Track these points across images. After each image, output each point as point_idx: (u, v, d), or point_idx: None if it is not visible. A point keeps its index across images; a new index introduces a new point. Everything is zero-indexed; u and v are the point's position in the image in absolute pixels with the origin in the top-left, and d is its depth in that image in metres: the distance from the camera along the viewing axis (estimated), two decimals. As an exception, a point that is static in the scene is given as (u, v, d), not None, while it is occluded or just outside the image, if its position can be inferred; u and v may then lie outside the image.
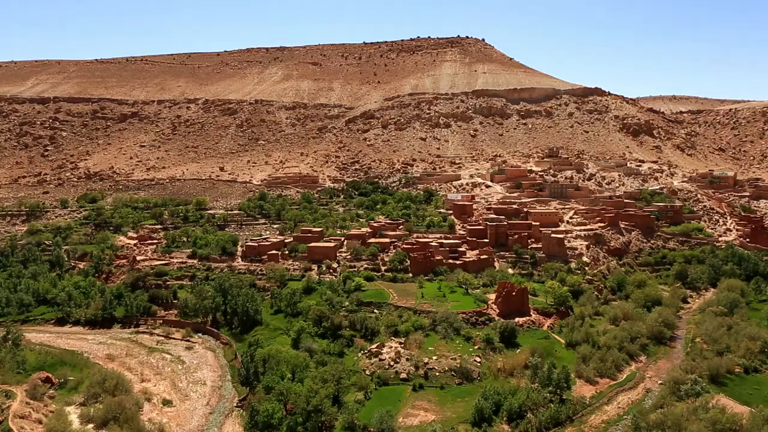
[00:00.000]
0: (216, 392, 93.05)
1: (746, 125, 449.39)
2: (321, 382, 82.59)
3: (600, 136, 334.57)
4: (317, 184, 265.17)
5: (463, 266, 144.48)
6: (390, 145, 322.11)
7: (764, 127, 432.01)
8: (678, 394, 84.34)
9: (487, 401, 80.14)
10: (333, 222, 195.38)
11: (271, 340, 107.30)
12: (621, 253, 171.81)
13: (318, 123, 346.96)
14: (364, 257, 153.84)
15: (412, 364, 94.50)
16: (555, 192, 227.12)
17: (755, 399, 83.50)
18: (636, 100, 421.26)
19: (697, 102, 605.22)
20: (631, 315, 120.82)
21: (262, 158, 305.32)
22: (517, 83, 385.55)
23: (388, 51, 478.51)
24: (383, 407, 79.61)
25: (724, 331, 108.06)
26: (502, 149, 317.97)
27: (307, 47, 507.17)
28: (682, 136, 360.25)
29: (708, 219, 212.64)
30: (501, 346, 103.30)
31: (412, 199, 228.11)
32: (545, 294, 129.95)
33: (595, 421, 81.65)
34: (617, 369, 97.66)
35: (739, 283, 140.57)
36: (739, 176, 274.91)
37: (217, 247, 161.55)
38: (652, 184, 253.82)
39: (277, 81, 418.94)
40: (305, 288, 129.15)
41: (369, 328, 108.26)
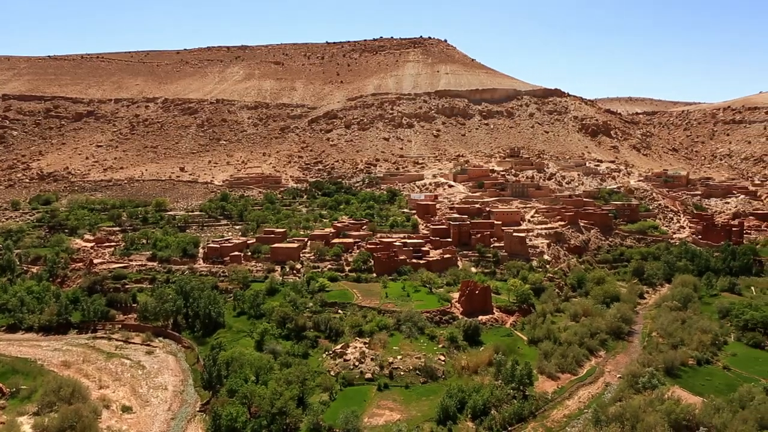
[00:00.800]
0: (178, 397, 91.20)
1: (697, 126, 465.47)
2: (285, 383, 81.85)
3: (560, 136, 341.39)
4: (280, 184, 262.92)
5: (426, 266, 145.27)
6: (353, 145, 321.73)
7: (714, 129, 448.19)
8: (636, 387, 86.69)
9: (452, 399, 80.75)
10: (296, 222, 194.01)
11: (235, 343, 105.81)
12: (581, 251, 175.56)
13: (280, 123, 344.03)
14: (327, 258, 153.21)
15: (376, 363, 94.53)
16: (516, 191, 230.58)
17: (707, 389, 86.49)
18: (594, 102, 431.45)
19: (652, 104, 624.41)
20: (590, 311, 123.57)
21: (224, 158, 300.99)
22: (479, 84, 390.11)
23: (351, 51, 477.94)
24: (348, 408, 79.37)
25: (678, 325, 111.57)
26: (465, 149, 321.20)
27: (269, 46, 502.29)
28: (638, 137, 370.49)
29: (663, 217, 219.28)
30: (465, 345, 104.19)
31: (375, 199, 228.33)
32: (508, 292, 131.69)
33: (557, 415, 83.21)
34: (578, 364, 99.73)
35: (692, 278, 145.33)
36: (691, 175, 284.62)
37: (178, 249, 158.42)
38: (609, 183, 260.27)
39: (239, 80, 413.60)
40: (269, 289, 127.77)
41: (333, 328, 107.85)
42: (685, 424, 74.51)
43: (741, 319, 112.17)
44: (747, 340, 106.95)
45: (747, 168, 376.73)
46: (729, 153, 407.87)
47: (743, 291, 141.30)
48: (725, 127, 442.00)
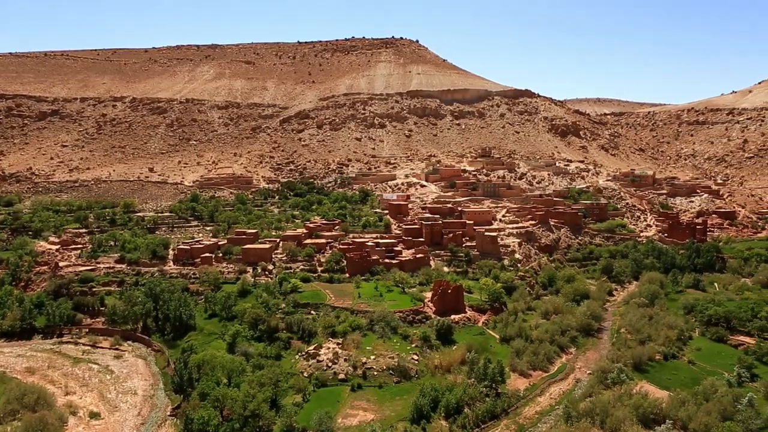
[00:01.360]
0: (148, 401, 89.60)
1: (663, 127, 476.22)
2: (258, 386, 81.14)
3: (530, 136, 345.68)
4: (251, 184, 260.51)
5: (399, 265, 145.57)
6: (325, 146, 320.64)
7: (679, 129, 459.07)
8: (605, 383, 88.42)
9: (425, 398, 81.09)
10: (268, 223, 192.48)
11: (206, 346, 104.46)
12: (551, 249, 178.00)
13: (252, 123, 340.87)
14: (300, 258, 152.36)
15: (350, 364, 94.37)
16: (488, 191, 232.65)
17: (673, 383, 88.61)
18: (563, 102, 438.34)
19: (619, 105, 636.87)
20: (561, 309, 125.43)
21: (194, 159, 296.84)
22: (450, 84, 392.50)
23: (323, 51, 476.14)
24: (322, 409, 79.16)
25: (645, 321, 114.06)
26: (437, 149, 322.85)
27: (240, 46, 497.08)
28: (606, 137, 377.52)
29: (630, 216, 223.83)
30: (438, 344, 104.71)
31: (347, 200, 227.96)
32: (480, 291, 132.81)
33: (529, 412, 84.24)
34: (549, 361, 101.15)
35: (659, 275, 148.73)
36: (657, 175, 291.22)
37: (147, 251, 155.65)
38: (579, 182, 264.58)
39: (209, 79, 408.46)
40: (240, 291, 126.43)
41: (306, 329, 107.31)
42: (652, 417, 76.34)
43: (705, 315, 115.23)
44: (710, 334, 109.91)
45: (710, 168, 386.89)
46: (693, 153, 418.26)
47: (707, 287, 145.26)
48: (689, 128, 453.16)
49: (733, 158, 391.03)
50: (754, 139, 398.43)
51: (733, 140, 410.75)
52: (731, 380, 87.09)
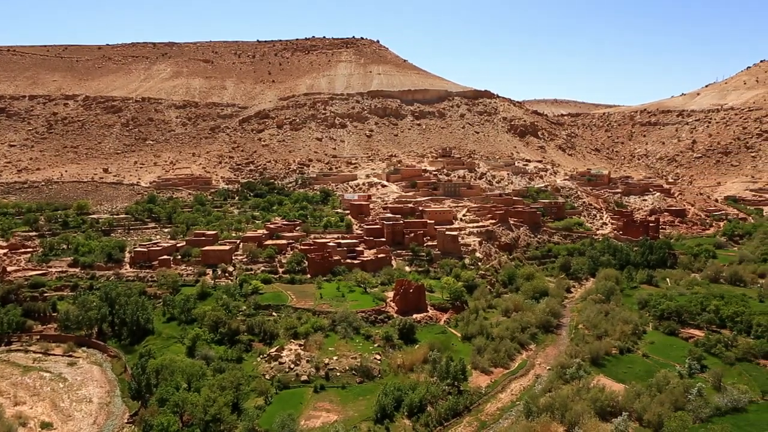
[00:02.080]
0: (104, 409, 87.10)
1: (617, 128, 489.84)
2: (219, 389, 79.85)
3: (490, 136, 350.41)
4: (210, 185, 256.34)
5: (361, 265, 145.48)
6: (285, 146, 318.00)
7: (632, 130, 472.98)
8: (564, 378, 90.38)
9: (388, 398, 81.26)
10: (228, 224, 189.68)
11: (165, 350, 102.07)
12: (511, 248, 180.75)
13: (210, 122, 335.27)
14: (260, 259, 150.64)
15: (312, 365, 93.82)
16: (448, 191, 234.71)
17: (629, 376, 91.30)
18: (522, 103, 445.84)
19: (576, 106, 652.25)
20: (521, 306, 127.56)
21: (151, 159, 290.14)
22: (411, 84, 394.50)
23: (283, 50, 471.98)
24: (284, 411, 78.44)
25: (602, 316, 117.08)
26: (397, 149, 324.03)
27: (198, 44, 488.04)
28: (563, 137, 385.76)
29: (587, 214, 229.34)
30: (400, 343, 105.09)
31: (308, 200, 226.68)
32: (441, 290, 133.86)
33: (490, 409, 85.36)
34: (510, 358, 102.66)
35: (614, 272, 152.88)
36: (612, 174, 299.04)
37: (102, 254, 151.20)
38: (537, 182, 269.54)
39: (166, 78, 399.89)
40: (200, 293, 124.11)
41: (268, 331, 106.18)
42: (609, 410, 78.44)
43: (658, 309, 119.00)
44: (663, 328, 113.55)
45: (662, 167, 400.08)
46: (646, 153, 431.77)
47: (659, 282, 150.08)
48: (642, 129, 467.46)
49: (683, 158, 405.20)
50: (702, 140, 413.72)
51: (682, 141, 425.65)
52: (682, 372, 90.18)
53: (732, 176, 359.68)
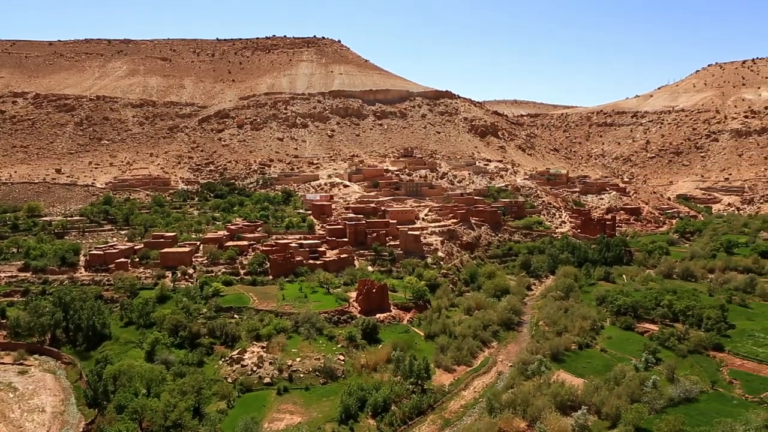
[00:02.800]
0: (58, 419, 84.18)
1: (575, 128, 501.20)
2: (180, 394, 78.32)
3: (451, 136, 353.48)
4: (169, 186, 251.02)
5: (323, 266, 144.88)
6: (246, 146, 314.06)
7: (589, 130, 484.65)
8: (526, 374, 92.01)
9: (352, 398, 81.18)
10: (187, 226, 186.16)
11: (123, 355, 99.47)
12: (472, 246, 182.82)
13: (169, 122, 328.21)
14: (221, 261, 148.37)
15: (275, 367, 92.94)
16: (410, 190, 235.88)
17: (587, 371, 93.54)
18: (482, 104, 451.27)
19: (535, 106, 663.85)
20: (483, 304, 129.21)
21: (107, 159, 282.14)
22: (372, 85, 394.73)
23: (243, 49, 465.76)
24: (247, 414, 77.46)
25: (561, 313, 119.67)
26: (359, 149, 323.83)
27: (155, 41, 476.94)
28: (523, 138, 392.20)
29: (546, 213, 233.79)
30: (364, 343, 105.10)
31: (270, 200, 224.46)
32: (404, 289, 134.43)
33: (454, 406, 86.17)
34: (472, 356, 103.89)
35: (573, 269, 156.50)
36: (570, 174, 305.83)
37: (55, 258, 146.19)
38: (498, 181, 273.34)
39: (122, 76, 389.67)
40: (159, 296, 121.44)
41: (229, 334, 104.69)
42: (569, 404, 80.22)
43: (615, 305, 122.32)
44: (620, 323, 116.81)
45: (617, 167, 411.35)
46: (602, 153, 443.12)
47: (616, 279, 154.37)
48: (598, 130, 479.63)
49: (637, 158, 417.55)
50: (655, 140, 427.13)
51: (637, 141, 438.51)
52: (638, 365, 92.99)
53: (683, 175, 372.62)
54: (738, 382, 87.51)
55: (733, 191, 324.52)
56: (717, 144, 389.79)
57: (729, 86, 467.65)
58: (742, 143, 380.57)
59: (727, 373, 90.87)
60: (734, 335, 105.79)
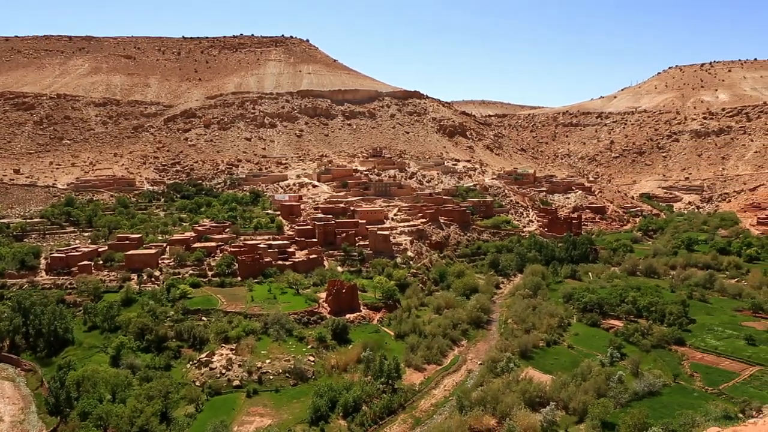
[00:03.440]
0: (17, 428, 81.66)
1: (542, 128, 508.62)
2: (146, 399, 76.85)
3: (420, 136, 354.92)
4: (134, 187, 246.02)
5: (292, 267, 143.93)
6: (213, 146, 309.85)
7: (555, 131, 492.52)
8: (495, 371, 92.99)
9: (323, 399, 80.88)
10: (153, 227, 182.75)
11: (86, 360, 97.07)
12: (441, 246, 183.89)
13: (133, 121, 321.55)
14: (189, 263, 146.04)
15: (244, 369, 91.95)
16: (380, 190, 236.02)
17: (555, 367, 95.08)
18: (451, 104, 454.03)
19: (502, 107, 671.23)
20: (452, 303, 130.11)
21: (68, 159, 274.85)
22: (341, 84, 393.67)
23: (210, 47, 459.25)
24: (216, 418, 76.48)
25: (530, 311, 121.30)
26: (328, 149, 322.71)
27: (119, 39, 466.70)
28: (491, 138, 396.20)
29: (514, 212, 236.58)
30: (334, 344, 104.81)
31: (238, 201, 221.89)
32: (374, 289, 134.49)
33: (425, 405, 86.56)
34: (442, 355, 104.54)
35: (541, 267, 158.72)
36: (537, 173, 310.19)
37: (14, 261, 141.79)
38: (466, 181, 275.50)
39: (84, 74, 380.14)
40: (124, 300, 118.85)
41: (197, 336, 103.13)
42: (538, 400, 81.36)
43: (581, 302, 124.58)
44: (586, 320, 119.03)
45: (583, 166, 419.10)
46: (568, 153, 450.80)
47: (582, 276, 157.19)
48: (564, 130, 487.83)
49: (602, 158, 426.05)
50: (619, 140, 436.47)
51: (601, 141, 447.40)
52: (604, 361, 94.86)
53: (646, 175, 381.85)
54: (698, 374, 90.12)
55: (693, 190, 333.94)
56: (678, 144, 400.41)
57: (688, 88, 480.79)
58: (701, 144, 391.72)
59: (689, 367, 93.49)
60: (695, 330, 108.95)
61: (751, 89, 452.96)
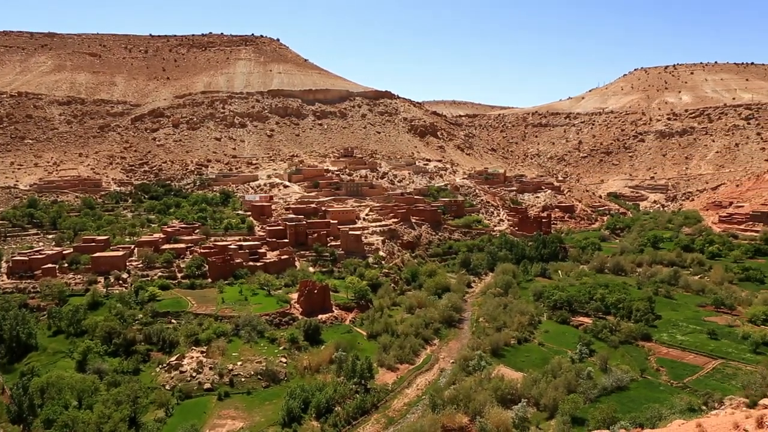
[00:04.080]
0: (-22, 436, 79.23)
1: (512, 128, 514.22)
2: (114, 404, 75.33)
3: (391, 136, 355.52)
4: (101, 187, 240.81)
5: (264, 268, 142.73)
6: (182, 146, 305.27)
7: (525, 131, 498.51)
8: (467, 370, 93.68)
9: (295, 400, 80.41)
10: (121, 229, 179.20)
11: (51, 366, 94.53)
12: (413, 246, 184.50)
13: (99, 120, 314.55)
14: (158, 265, 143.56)
15: (215, 372, 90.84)
16: (351, 190, 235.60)
17: (526, 365, 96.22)
18: (422, 104, 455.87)
19: (473, 107, 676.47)
20: (424, 303, 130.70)
21: (31, 159, 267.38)
22: (312, 84, 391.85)
23: (178, 46, 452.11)
24: (187, 422, 75.45)
25: (501, 309, 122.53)
26: (299, 149, 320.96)
27: (83, 36, 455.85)
28: (462, 138, 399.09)
29: (485, 211, 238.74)
30: (306, 344, 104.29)
31: (208, 202, 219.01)
32: (346, 289, 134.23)
33: (397, 405, 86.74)
34: (415, 354, 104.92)
35: (511, 266, 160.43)
36: (507, 173, 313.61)
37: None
38: (438, 181, 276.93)
39: (47, 72, 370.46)
40: (91, 303, 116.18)
41: (167, 339, 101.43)
42: (509, 398, 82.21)
43: (551, 300, 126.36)
44: (556, 317, 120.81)
45: (552, 166, 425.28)
46: (538, 153, 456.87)
47: (552, 275, 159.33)
48: (534, 130, 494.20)
49: (570, 157, 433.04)
50: (587, 141, 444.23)
51: (570, 141, 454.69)
52: (574, 357, 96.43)
53: (613, 174, 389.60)
54: (664, 369, 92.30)
55: (658, 189, 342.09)
56: (643, 144, 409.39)
57: (653, 90, 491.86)
58: (666, 144, 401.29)
59: (655, 361, 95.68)
60: (660, 325, 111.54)
61: (712, 91, 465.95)
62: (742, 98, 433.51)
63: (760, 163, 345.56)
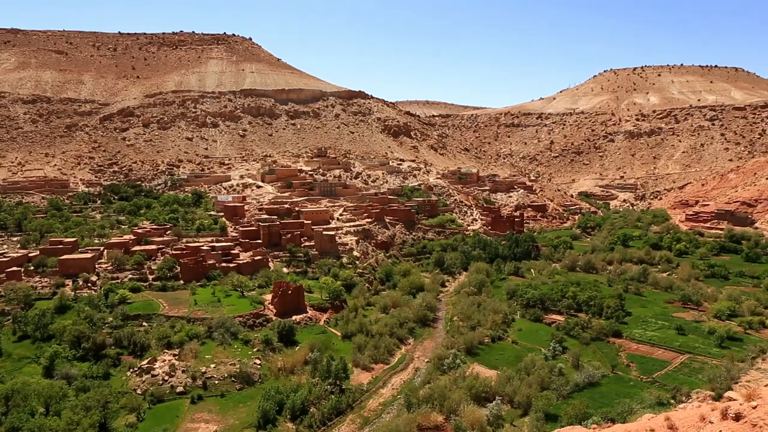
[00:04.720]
0: (-59, 444, 76.78)
1: (484, 128, 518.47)
2: (83, 410, 73.58)
3: (364, 136, 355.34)
4: (68, 188, 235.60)
5: (237, 269, 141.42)
6: (153, 146, 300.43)
7: (498, 131, 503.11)
8: (442, 369, 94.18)
9: (270, 402, 79.76)
10: (89, 230, 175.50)
11: (16, 372, 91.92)
12: (387, 245, 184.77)
13: (66, 120, 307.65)
14: (128, 267, 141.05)
15: (188, 375, 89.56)
16: (325, 190, 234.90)
17: (500, 362, 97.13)
18: (395, 104, 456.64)
19: (446, 107, 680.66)
20: (399, 302, 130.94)
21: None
22: (285, 84, 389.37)
23: (148, 44, 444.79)
24: (159, 426, 74.29)
25: (475, 308, 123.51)
26: (272, 149, 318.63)
27: (49, 32, 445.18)
28: (435, 138, 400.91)
29: (459, 211, 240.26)
30: (280, 346, 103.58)
31: (179, 202, 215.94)
32: (320, 290, 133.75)
33: (373, 404, 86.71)
34: (390, 354, 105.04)
35: (485, 265, 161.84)
36: (480, 173, 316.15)
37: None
38: (411, 181, 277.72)
39: (10, 69, 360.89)
40: (58, 307, 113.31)
41: (138, 343, 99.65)
42: (484, 395, 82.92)
43: (524, 298, 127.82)
44: (529, 315, 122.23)
45: (524, 166, 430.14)
46: (510, 152, 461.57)
47: (525, 273, 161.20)
48: (506, 130, 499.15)
49: (542, 157, 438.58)
50: (558, 141, 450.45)
51: (542, 141, 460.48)
52: (547, 354, 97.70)
53: (584, 174, 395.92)
54: (634, 364, 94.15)
55: (627, 188, 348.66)
56: (613, 144, 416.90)
57: (622, 91, 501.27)
58: (635, 144, 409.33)
59: (625, 357, 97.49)
60: (630, 322, 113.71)
61: (678, 93, 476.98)
62: (707, 100, 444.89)
63: (724, 162, 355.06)
